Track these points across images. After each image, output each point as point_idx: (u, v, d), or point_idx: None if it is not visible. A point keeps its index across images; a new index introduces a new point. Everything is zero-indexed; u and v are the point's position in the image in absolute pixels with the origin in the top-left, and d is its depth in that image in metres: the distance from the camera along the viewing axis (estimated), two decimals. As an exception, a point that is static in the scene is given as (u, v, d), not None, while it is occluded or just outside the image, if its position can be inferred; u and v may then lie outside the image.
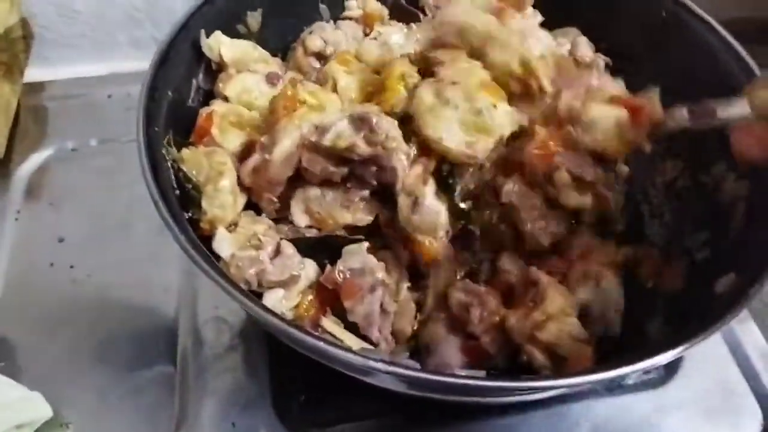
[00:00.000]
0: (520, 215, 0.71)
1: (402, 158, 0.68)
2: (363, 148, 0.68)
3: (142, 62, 0.73)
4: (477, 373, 0.68)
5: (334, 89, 0.77)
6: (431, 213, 0.69)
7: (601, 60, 0.86)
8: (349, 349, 0.61)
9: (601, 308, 0.70)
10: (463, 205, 0.71)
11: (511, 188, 0.71)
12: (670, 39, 0.82)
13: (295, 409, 0.76)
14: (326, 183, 0.72)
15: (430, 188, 0.69)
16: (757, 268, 0.62)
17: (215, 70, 0.80)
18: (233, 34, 0.82)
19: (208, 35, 0.78)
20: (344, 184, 0.72)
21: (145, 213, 0.88)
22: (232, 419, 0.76)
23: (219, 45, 0.79)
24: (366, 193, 0.72)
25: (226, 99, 0.78)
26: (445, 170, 0.70)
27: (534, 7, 0.82)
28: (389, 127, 0.68)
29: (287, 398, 0.77)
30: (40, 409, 0.74)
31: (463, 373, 0.65)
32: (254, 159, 0.70)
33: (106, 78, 1.12)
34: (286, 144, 0.68)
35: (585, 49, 0.86)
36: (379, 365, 0.55)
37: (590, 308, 0.70)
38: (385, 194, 0.72)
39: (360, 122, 0.67)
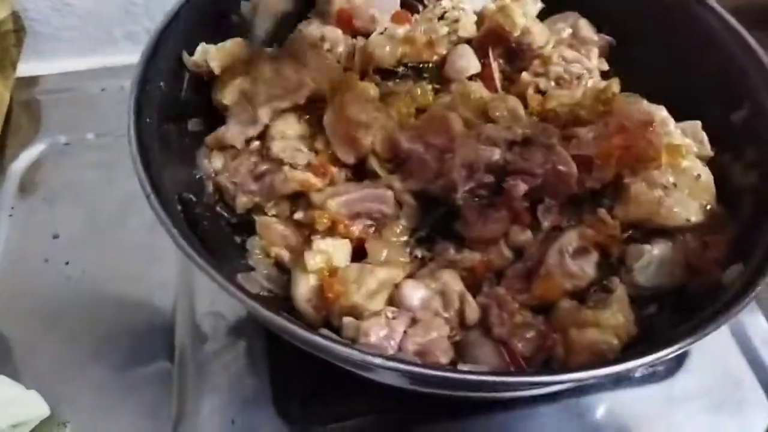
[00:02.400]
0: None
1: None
2: None
3: (136, 56, 0.72)
4: (478, 368, 0.66)
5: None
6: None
7: (605, 39, 0.85)
8: (349, 345, 0.59)
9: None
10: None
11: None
12: (673, 24, 0.81)
13: (295, 405, 0.75)
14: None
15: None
16: (765, 258, 0.62)
17: (206, 80, 0.79)
18: (227, 24, 0.81)
19: (200, 29, 0.77)
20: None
21: (139, 207, 0.86)
22: (232, 416, 0.75)
23: (206, 57, 0.77)
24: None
25: (225, 108, 0.77)
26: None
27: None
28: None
29: (288, 395, 0.76)
30: (37, 407, 0.73)
31: (466, 368, 0.63)
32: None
33: (100, 72, 1.11)
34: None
35: (587, 31, 0.86)
36: (379, 360, 0.54)
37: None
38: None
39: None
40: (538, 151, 0.70)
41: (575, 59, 0.82)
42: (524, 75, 0.82)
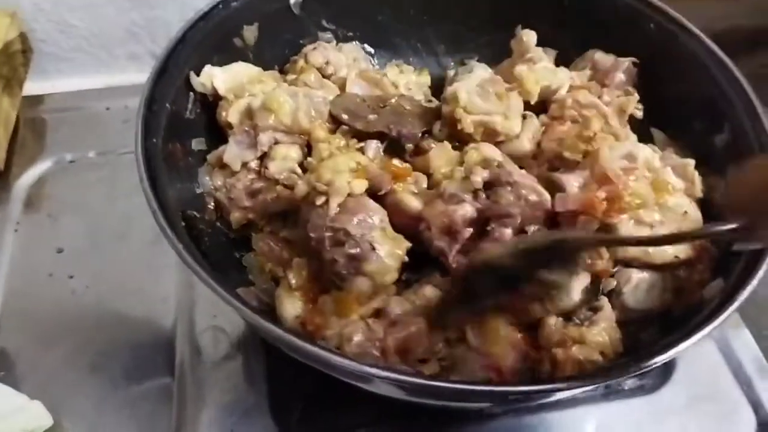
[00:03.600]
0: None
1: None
2: None
3: (139, 75, 0.74)
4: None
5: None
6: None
7: (626, 62, 0.87)
8: (346, 356, 0.61)
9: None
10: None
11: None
12: (660, 52, 0.84)
13: (294, 418, 0.77)
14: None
15: None
16: (744, 273, 0.64)
17: (211, 101, 0.81)
18: (230, 47, 0.84)
19: (204, 52, 0.79)
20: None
21: (142, 224, 0.91)
22: (231, 428, 0.77)
23: (211, 79, 0.79)
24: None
25: (229, 126, 0.78)
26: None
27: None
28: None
29: (286, 407, 0.78)
30: (40, 417, 0.74)
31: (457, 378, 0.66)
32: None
33: (104, 91, 1.13)
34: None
35: (604, 60, 0.87)
36: (374, 371, 0.57)
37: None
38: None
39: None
40: (504, 191, 0.69)
41: (590, 104, 0.80)
42: (542, 117, 0.82)
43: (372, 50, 0.95)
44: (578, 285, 0.69)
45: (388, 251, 0.67)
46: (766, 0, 1.18)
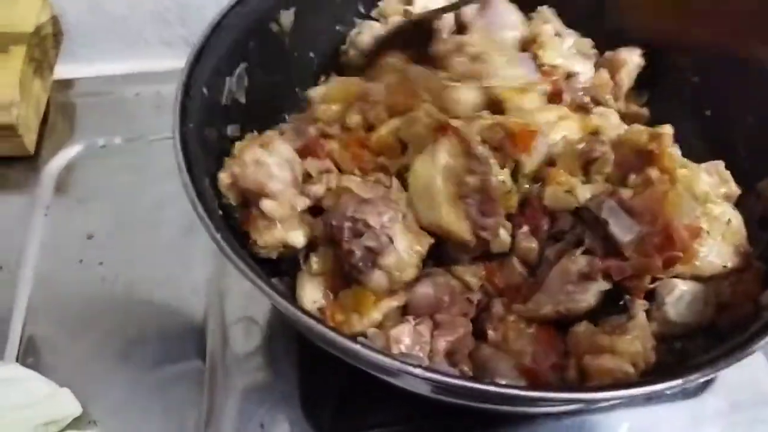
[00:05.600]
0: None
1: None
2: None
3: (170, 61, 0.73)
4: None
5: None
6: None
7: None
8: (382, 352, 0.59)
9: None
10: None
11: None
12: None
13: (325, 412, 0.76)
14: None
15: None
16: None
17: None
18: (266, 33, 0.82)
19: (240, 37, 0.77)
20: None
21: (173, 212, 0.90)
22: (261, 420, 0.76)
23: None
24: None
25: None
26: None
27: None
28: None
29: (317, 401, 0.76)
30: (69, 405, 0.73)
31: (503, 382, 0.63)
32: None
33: (135, 76, 1.12)
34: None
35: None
36: (416, 370, 0.54)
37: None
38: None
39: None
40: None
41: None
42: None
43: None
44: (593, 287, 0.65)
45: (407, 246, 0.66)
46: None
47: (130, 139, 1.03)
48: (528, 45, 0.85)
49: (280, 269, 0.73)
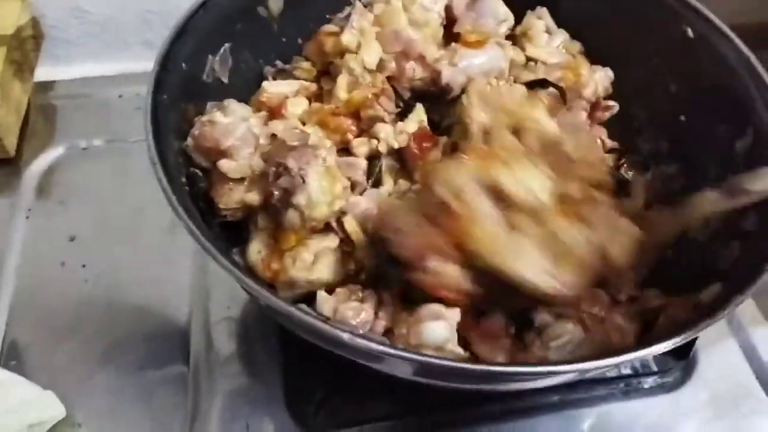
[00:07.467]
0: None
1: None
2: None
3: (152, 63, 0.72)
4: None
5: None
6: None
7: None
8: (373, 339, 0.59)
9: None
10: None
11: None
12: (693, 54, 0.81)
13: (310, 410, 0.75)
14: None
15: None
16: (744, 280, 0.61)
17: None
18: (253, 16, 0.81)
19: (226, 19, 0.77)
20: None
21: (155, 213, 0.90)
22: (246, 420, 0.76)
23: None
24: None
25: None
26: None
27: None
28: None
29: (302, 399, 0.77)
30: (53, 408, 0.73)
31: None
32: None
33: (117, 78, 1.11)
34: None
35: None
36: (385, 348, 0.54)
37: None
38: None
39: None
40: None
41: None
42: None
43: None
44: None
45: (320, 186, 0.67)
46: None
47: (111, 140, 1.02)
48: (516, 39, 0.86)
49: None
